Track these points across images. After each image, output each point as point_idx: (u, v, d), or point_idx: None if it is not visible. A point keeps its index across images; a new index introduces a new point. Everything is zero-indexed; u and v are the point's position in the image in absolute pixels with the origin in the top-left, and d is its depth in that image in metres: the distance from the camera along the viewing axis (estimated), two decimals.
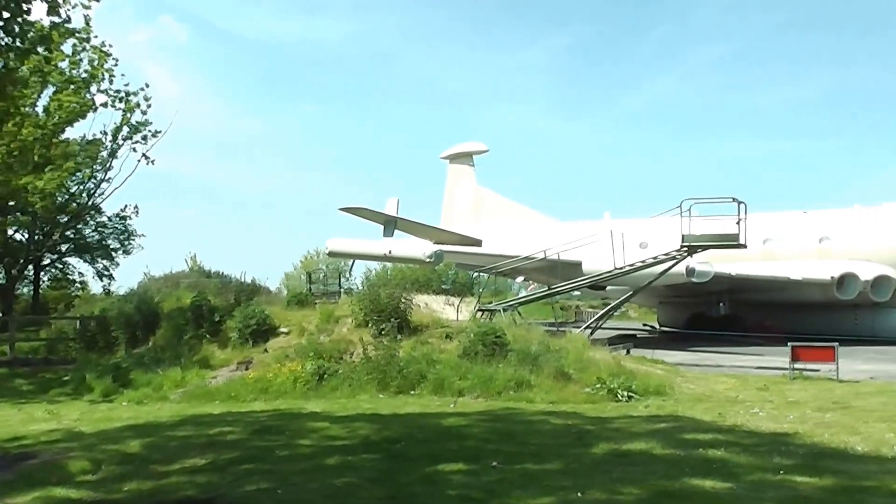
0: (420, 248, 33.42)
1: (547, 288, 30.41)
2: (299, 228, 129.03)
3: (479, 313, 26.47)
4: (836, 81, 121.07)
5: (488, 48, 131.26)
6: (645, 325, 44.56)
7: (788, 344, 19.77)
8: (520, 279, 43.11)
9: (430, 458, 10.03)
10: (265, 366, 19.54)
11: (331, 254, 38.16)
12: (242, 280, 29.91)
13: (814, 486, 8.38)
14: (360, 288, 32.58)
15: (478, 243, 42.26)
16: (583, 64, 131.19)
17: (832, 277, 32.73)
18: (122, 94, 29.98)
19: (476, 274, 38.98)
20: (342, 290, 32.57)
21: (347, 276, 43.47)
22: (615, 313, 35.24)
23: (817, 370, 19.08)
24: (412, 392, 16.85)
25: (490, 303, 29.82)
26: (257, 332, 21.75)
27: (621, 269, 26.92)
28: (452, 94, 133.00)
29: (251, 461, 10.14)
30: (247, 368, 20.09)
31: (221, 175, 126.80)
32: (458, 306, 27.79)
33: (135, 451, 11.17)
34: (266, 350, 21.10)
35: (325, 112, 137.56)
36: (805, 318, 33.22)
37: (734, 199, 24.73)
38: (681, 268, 27.81)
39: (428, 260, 31.26)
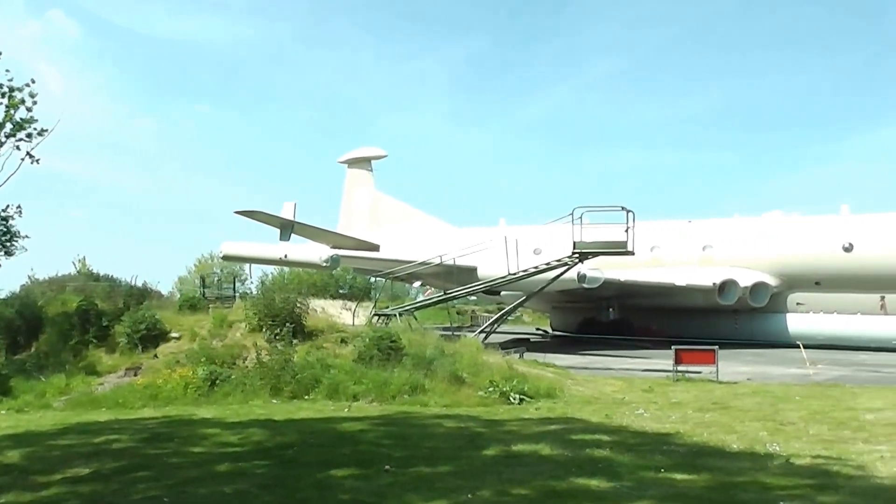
0: (317, 252, 33.25)
1: (443, 293, 30.68)
2: (194, 232, 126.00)
3: (376, 318, 26.52)
4: (721, 96, 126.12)
5: (387, 56, 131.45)
6: (538, 329, 45.42)
7: (672, 347, 20.57)
8: (417, 284, 43.30)
9: (322, 463, 10.04)
10: (155, 372, 19.06)
11: (225, 257, 37.49)
12: (133, 284, 28.98)
13: (692, 484, 8.79)
14: (256, 292, 32.14)
15: (375, 248, 42.28)
16: (480, 73, 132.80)
17: (714, 284, 34.18)
18: (6, 90, 28.77)
19: (374, 279, 38.97)
20: (237, 294, 32.01)
21: (243, 280, 42.80)
22: (509, 318, 35.81)
23: (699, 372, 19.90)
24: (306, 397, 16.76)
25: (387, 307, 29.88)
26: (147, 337, 21.18)
27: (515, 274, 27.42)
28: (351, 99, 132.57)
29: (138, 469, 9.93)
30: (136, 374, 19.55)
31: (114, 176, 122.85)
32: (354, 311, 27.76)
33: (13, 461, 10.76)
34: (156, 356, 20.59)
35: (221, 114, 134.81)
36: (689, 322, 34.57)
37: (623, 208, 25.55)
38: (572, 274, 28.55)
39: (324, 264, 31.09)
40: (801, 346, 24.98)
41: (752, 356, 27.96)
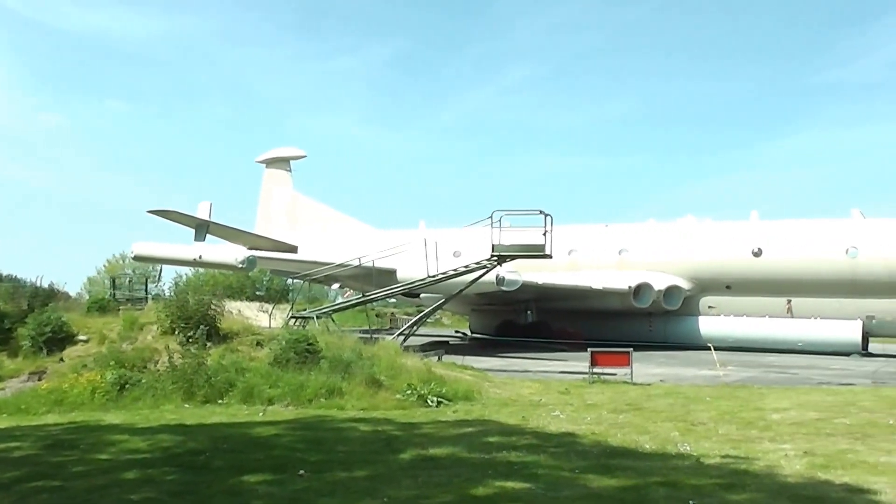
0: (232, 253, 32.66)
1: (362, 295, 30.49)
2: (105, 232, 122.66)
3: (293, 320, 26.19)
4: (638, 102, 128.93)
5: (307, 54, 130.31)
6: (457, 331, 45.58)
7: (588, 349, 20.86)
8: (335, 286, 43.01)
9: (235, 468, 9.82)
10: (61, 376, 18.38)
11: (137, 258, 36.46)
12: (38, 285, 28.01)
13: (605, 484, 8.89)
14: (169, 294, 31.40)
15: (293, 250, 41.80)
16: (402, 75, 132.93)
17: (629, 287, 34.84)
18: None
19: (291, 280, 38.54)
20: (149, 296, 31.20)
21: (155, 281, 41.82)
22: (428, 320, 35.84)
23: (614, 374, 20.23)
24: (220, 401, 16.38)
25: (304, 310, 29.56)
26: (53, 340, 20.44)
27: (434, 277, 27.43)
28: (270, 98, 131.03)
29: (40, 478, 9.52)
30: (39, 379, 18.83)
31: (19, 173, 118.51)
32: (271, 313, 27.38)
33: None
34: (62, 359, 19.88)
35: (134, 111, 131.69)
36: (605, 324, 35.18)
37: (542, 212, 25.80)
38: (491, 276, 28.70)
39: (240, 266, 30.55)
40: (711, 348, 25.63)
41: (665, 358, 28.58)
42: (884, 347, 35.02)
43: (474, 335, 42.20)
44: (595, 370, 20.27)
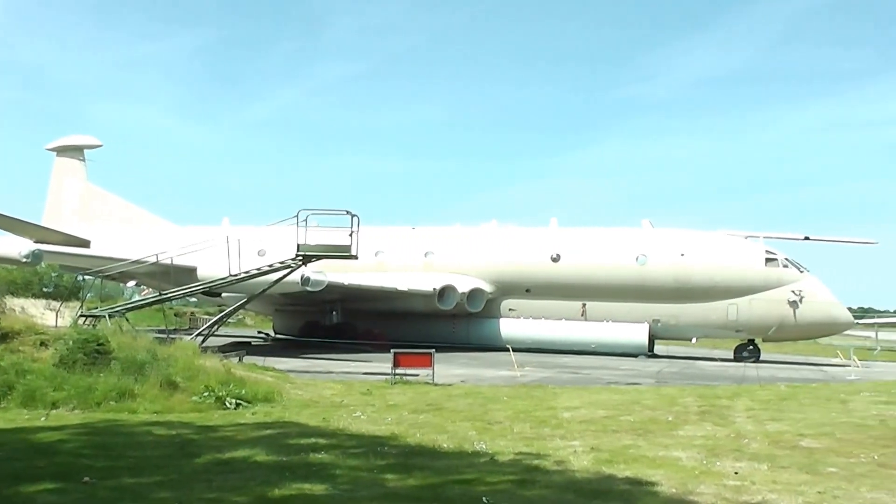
0: (15, 246, 30.28)
1: (158, 294, 29.23)
2: None
3: (83, 319, 24.73)
4: (448, 107, 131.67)
5: (107, 39, 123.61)
6: (260, 332, 44.73)
7: (391, 350, 21.03)
8: (131, 284, 41.00)
9: (12, 477, 9.10)
10: None
11: None
12: None
13: (403, 483, 8.98)
14: None
15: (86, 244, 39.48)
16: (209, 67, 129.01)
17: (434, 289, 35.49)
18: None
19: (82, 277, 36.35)
20: None
21: None
22: (230, 320, 34.93)
23: (416, 375, 20.49)
24: None
25: (96, 308, 27.96)
26: None
27: (237, 275, 26.71)
28: (64, 82, 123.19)
29: None
30: None
31: None
32: (59, 311, 25.75)
33: None
34: None
35: None
36: (410, 326, 35.64)
37: (349, 213, 25.76)
38: (296, 276, 28.34)
39: (24, 260, 28.48)
40: (510, 349, 26.54)
41: (467, 359, 29.30)
42: (667, 349, 37.68)
43: (277, 336, 41.55)
44: (398, 371, 20.45)
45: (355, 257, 26.09)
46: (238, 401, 15.68)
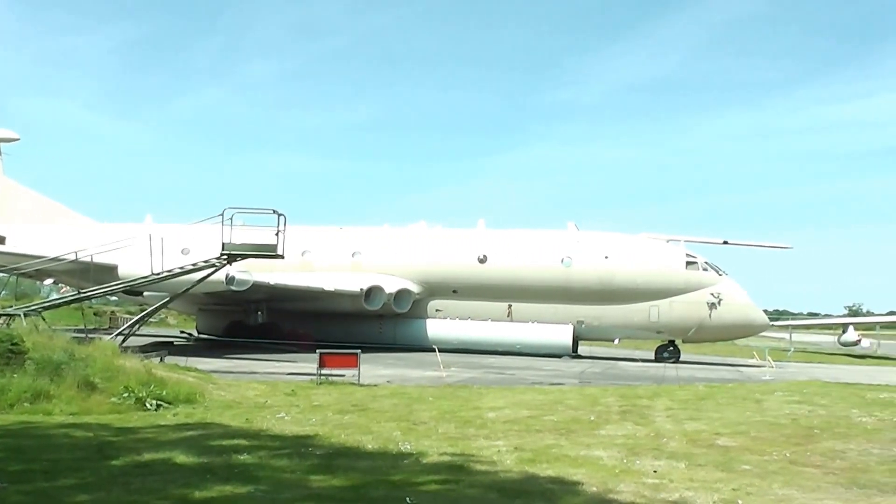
0: None
1: (77, 292, 28.44)
2: None
3: None
4: (378, 110, 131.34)
5: (28, 34, 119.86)
6: (183, 332, 43.90)
7: (317, 351, 20.88)
8: (48, 282, 39.88)
9: None
10: None
11: None
12: None
13: (326, 484, 8.95)
14: None
15: (0, 241, 38.17)
16: (132, 63, 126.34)
17: (361, 289, 35.36)
18: None
19: None
20: None
21: None
22: (152, 320, 34.23)
23: (342, 375, 20.38)
24: None
25: (10, 307, 27.06)
26: None
27: (159, 274, 26.17)
28: None
29: None
30: None
31: None
32: None
33: None
34: None
35: None
36: (336, 326, 35.42)
37: (275, 211, 25.46)
38: (220, 275, 27.90)
39: None
40: (436, 350, 26.61)
41: (393, 360, 29.28)
42: (591, 350, 38.28)
43: (201, 336, 40.82)
44: (323, 372, 20.32)
45: (281, 257, 25.82)
46: (159, 402, 15.37)
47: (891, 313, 67.73)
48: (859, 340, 55.13)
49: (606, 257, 35.23)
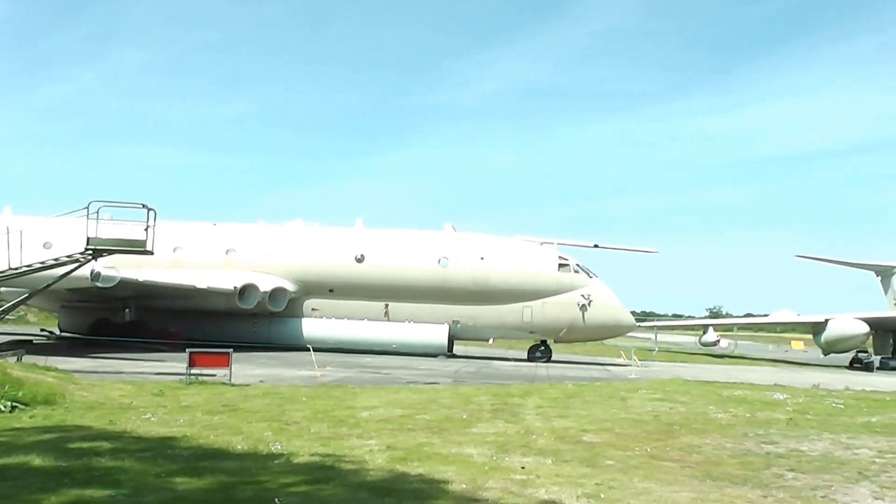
0: None
1: None
2: None
3: None
4: (254, 106, 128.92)
5: None
6: (43, 329, 41.96)
7: (187, 350, 20.32)
8: None
9: None
10: None
11: None
12: None
13: (192, 486, 8.73)
14: None
15: None
16: None
17: (235, 287, 34.65)
18: None
19: None
20: None
21: None
22: (9, 317, 32.54)
23: (213, 375, 19.90)
24: None
25: None
26: None
27: (17, 269, 24.86)
28: None
29: None
30: None
31: None
32: None
33: None
34: None
35: None
36: (209, 324, 34.57)
37: (144, 206, 24.55)
38: (85, 271, 26.79)
39: None
40: (311, 349, 26.35)
41: (266, 359, 28.82)
42: (466, 349, 38.75)
43: (63, 334, 39.07)
44: (193, 371, 19.78)
45: (151, 253, 24.92)
46: (14, 403, 14.59)
47: (748, 315, 71.56)
48: (718, 341, 58.13)
49: (482, 258, 35.75)
